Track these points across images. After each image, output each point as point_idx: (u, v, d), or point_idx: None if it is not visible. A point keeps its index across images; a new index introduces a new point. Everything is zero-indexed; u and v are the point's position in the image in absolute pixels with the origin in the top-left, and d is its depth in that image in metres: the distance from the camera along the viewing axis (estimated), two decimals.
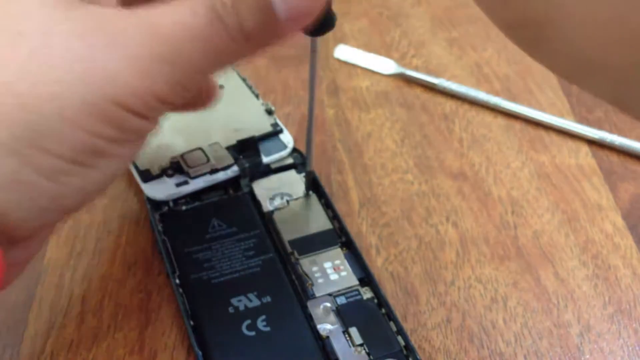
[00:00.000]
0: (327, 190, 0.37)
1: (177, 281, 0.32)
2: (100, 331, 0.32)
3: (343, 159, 0.40)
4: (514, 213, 0.37)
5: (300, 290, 0.32)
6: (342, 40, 0.48)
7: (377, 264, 0.35)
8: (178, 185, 0.36)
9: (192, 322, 0.31)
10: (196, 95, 0.31)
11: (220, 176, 0.36)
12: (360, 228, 0.36)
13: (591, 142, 0.41)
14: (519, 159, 0.40)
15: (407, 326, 0.32)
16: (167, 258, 0.33)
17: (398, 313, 0.33)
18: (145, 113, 0.22)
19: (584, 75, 0.20)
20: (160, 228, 0.34)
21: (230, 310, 0.31)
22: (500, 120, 0.43)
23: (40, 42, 0.20)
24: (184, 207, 0.36)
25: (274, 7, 0.22)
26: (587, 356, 0.31)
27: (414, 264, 0.35)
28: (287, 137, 0.39)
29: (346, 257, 0.33)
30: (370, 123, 0.42)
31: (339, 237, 0.34)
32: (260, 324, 0.30)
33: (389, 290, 0.34)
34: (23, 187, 0.20)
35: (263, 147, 0.38)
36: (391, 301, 0.33)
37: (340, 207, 0.37)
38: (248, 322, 0.30)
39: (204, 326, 0.30)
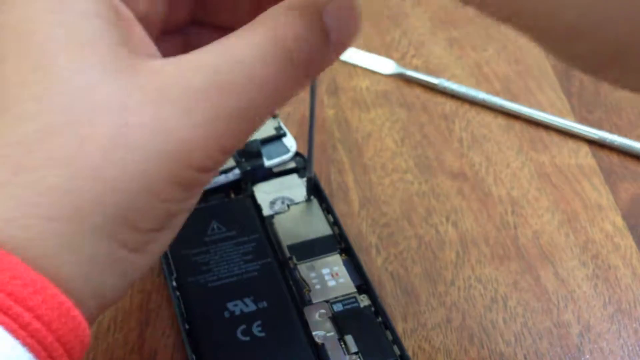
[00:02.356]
0: (327, 191, 0.37)
1: (174, 284, 0.32)
2: (100, 331, 0.32)
3: (343, 159, 0.40)
4: (514, 213, 0.37)
5: (297, 296, 0.32)
6: None
7: (377, 264, 0.35)
8: None
9: (187, 326, 0.30)
10: None
11: (222, 179, 0.36)
12: (360, 228, 0.36)
13: (591, 142, 0.41)
14: (519, 159, 0.40)
15: (407, 326, 0.32)
16: (164, 260, 0.33)
17: (398, 313, 0.33)
18: (215, 168, 0.22)
19: None
20: None
21: (226, 314, 0.31)
22: (500, 120, 0.43)
23: (119, 121, 0.20)
24: None
25: (329, 35, 0.22)
26: (587, 356, 0.31)
27: (414, 264, 0.35)
28: (290, 141, 0.38)
29: (345, 263, 0.33)
30: (370, 123, 0.42)
31: (339, 243, 0.34)
32: (255, 329, 0.30)
33: (389, 290, 0.34)
34: (116, 266, 0.21)
35: (265, 150, 0.37)
36: (391, 301, 0.33)
37: (340, 207, 0.37)
38: (243, 327, 0.30)
39: (198, 330, 0.30)
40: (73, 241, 0.19)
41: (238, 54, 0.21)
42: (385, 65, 0.46)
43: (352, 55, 0.47)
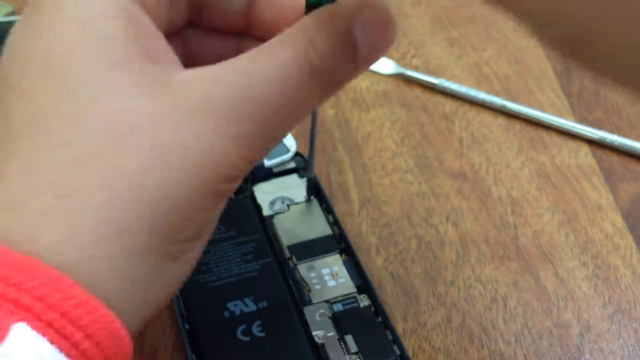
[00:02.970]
0: (327, 191, 0.37)
1: None
2: None
3: (343, 159, 0.40)
4: (514, 213, 0.37)
5: (297, 296, 0.32)
6: None
7: (377, 264, 0.35)
8: None
9: (187, 326, 0.30)
10: None
11: None
12: (360, 228, 0.36)
13: (591, 142, 0.41)
14: (519, 159, 0.40)
15: (407, 326, 0.32)
16: None
17: (398, 313, 0.33)
18: (242, 177, 0.23)
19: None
20: None
21: (226, 314, 0.31)
22: (500, 120, 0.43)
23: (153, 141, 0.20)
24: None
25: (358, 48, 0.22)
26: (587, 356, 0.31)
27: (414, 264, 0.35)
28: (290, 141, 0.38)
29: (345, 263, 0.33)
30: (370, 123, 0.42)
31: (339, 243, 0.34)
32: (255, 329, 0.30)
33: (389, 290, 0.34)
34: (159, 279, 0.21)
35: None
36: (391, 301, 0.33)
37: (340, 207, 0.37)
38: (243, 327, 0.30)
39: (198, 330, 0.30)
40: (119, 260, 0.20)
41: (264, 70, 0.21)
42: (385, 65, 0.46)
43: None
